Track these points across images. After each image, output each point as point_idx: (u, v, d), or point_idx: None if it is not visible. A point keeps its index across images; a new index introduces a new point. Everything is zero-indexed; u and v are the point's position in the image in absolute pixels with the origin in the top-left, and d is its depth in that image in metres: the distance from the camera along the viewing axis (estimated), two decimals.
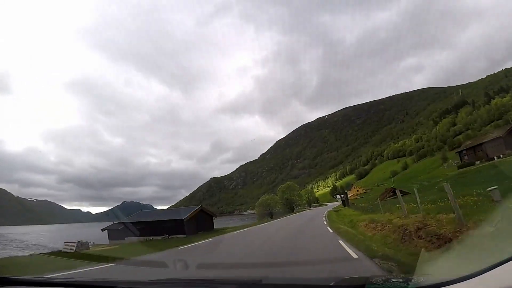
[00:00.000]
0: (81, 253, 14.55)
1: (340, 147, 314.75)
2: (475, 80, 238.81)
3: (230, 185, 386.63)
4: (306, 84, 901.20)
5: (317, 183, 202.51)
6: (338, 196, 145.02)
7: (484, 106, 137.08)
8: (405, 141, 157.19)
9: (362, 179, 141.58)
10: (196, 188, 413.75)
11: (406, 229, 8.02)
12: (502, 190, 7.26)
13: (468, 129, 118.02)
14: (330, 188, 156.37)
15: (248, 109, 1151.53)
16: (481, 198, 9.62)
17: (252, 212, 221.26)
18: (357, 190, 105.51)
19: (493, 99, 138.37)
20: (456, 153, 67.24)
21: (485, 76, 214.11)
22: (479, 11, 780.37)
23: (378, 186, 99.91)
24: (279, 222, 27.66)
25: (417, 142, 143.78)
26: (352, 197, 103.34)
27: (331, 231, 13.05)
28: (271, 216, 46.87)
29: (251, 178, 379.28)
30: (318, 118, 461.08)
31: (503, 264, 1.32)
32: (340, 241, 9.09)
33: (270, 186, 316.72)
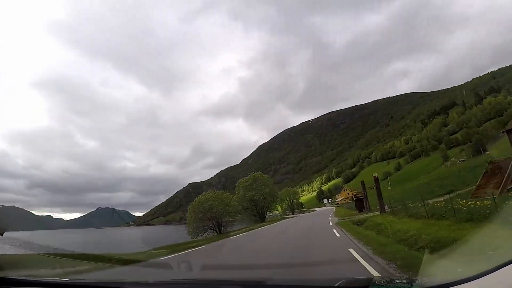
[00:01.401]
0: None
1: (325, 152, 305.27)
2: (459, 84, 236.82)
3: (209, 190, 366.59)
4: (293, 87, 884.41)
5: (301, 187, 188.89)
6: (325, 201, 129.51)
7: (476, 105, 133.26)
8: (394, 143, 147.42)
9: (350, 182, 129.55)
10: (173, 194, 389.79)
11: None
12: None
13: (461, 128, 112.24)
14: (316, 192, 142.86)
15: (231, 112, 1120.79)
16: None
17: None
18: (348, 193, 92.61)
19: (485, 98, 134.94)
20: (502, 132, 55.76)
21: (471, 80, 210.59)
22: (467, 18, 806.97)
23: (370, 188, 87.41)
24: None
25: (407, 144, 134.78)
26: (342, 201, 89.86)
27: None
28: (219, 230, 26.88)
29: (231, 184, 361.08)
30: (303, 122, 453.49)
31: (507, 265, 1.29)
32: None
33: None
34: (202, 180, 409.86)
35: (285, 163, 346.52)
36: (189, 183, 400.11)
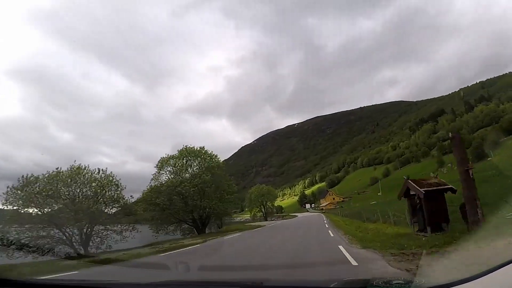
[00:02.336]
0: None
1: (309, 156, 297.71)
2: (446, 94, 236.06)
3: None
4: (281, 89, 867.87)
5: (282, 191, 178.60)
6: (308, 206, 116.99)
7: (467, 113, 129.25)
8: (380, 148, 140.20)
9: (335, 187, 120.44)
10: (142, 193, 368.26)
11: None
12: None
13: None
14: (298, 196, 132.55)
15: (216, 111, 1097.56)
16: None
17: None
18: (333, 198, 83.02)
19: (476, 107, 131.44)
20: None
21: (458, 89, 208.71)
22: (458, 29, 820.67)
23: (358, 194, 78.97)
24: None
25: (394, 150, 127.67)
26: (328, 206, 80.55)
27: None
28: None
29: None
30: (288, 126, 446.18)
31: (504, 266, 1.28)
32: None
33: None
34: None
35: (268, 165, 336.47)
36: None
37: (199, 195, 26.55)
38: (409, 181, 10.84)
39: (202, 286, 2.61)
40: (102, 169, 17.61)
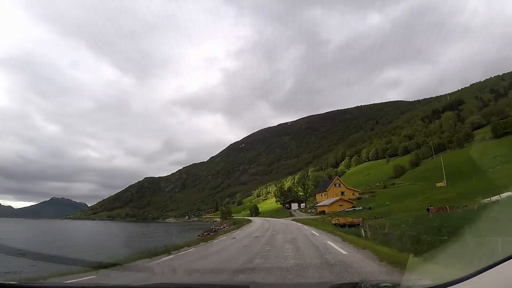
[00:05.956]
0: None
1: (301, 154, 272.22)
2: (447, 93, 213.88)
3: (167, 187, 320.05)
4: (279, 85, 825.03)
5: (266, 188, 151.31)
6: (295, 206, 79.43)
7: (496, 101, 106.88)
8: (391, 138, 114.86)
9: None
10: (125, 188, 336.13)
11: None
12: None
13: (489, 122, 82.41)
14: (276, 192, 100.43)
15: (209, 106, 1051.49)
16: None
17: (174, 220, 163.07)
18: (342, 192, 56.17)
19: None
20: None
21: (483, 80, 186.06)
22: (468, 31, 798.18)
23: (384, 187, 53.04)
24: None
25: (410, 139, 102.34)
26: (333, 207, 48.15)
27: None
28: None
29: (192, 182, 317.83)
30: (280, 124, 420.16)
31: (490, 268, 1.29)
32: None
33: (213, 192, 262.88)
34: (161, 176, 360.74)
35: (256, 163, 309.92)
36: (146, 177, 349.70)
37: None
38: None
39: None
40: None
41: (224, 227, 39.19)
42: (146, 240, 31.50)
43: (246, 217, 67.18)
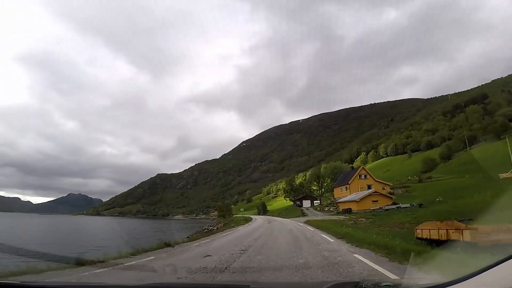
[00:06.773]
0: None
1: (313, 152, 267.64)
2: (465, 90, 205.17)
3: (179, 184, 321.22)
4: (292, 82, 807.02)
5: (276, 185, 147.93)
6: (306, 203, 71.54)
7: None
8: (411, 133, 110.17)
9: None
10: (137, 184, 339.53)
11: None
12: None
13: None
14: (285, 188, 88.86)
15: (223, 103, 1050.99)
16: None
17: (183, 217, 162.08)
18: (369, 186, 51.20)
19: None
20: None
21: (506, 75, 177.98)
22: (488, 27, 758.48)
23: (420, 181, 49.78)
24: None
25: (433, 134, 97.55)
26: (361, 204, 38.34)
27: None
28: None
29: (204, 178, 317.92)
30: (292, 122, 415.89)
31: (490, 268, 1.28)
32: None
33: (224, 189, 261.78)
34: (173, 172, 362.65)
35: (267, 161, 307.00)
36: (158, 174, 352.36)
37: None
38: None
39: None
40: None
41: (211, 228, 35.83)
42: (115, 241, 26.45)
43: (250, 216, 61.17)
